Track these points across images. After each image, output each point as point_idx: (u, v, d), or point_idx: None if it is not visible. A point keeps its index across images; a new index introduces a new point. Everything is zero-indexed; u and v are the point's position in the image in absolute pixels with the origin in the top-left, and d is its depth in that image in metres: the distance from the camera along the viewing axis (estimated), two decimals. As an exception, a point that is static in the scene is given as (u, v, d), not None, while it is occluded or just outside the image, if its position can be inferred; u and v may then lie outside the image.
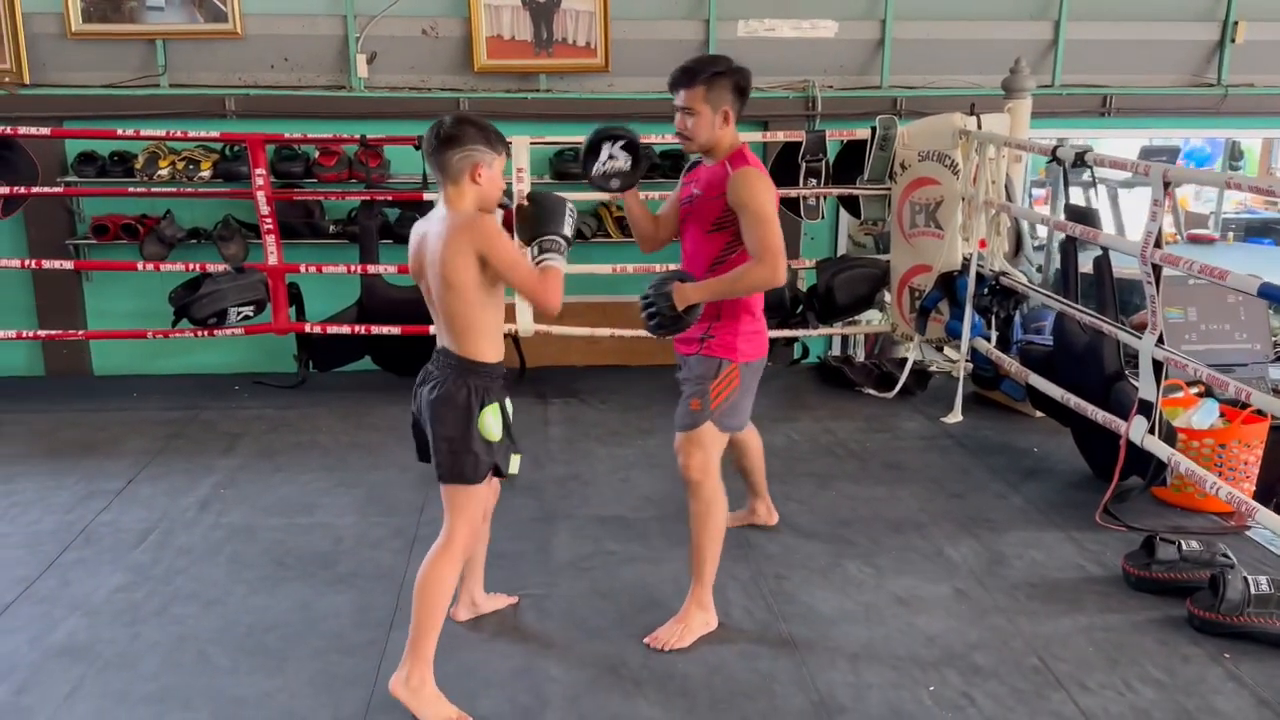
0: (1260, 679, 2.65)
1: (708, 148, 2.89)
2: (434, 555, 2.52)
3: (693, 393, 2.92)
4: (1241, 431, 3.61)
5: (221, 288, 4.74)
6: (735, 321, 2.90)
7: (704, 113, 2.82)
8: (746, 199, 2.78)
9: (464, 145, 2.40)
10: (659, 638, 2.84)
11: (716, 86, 2.82)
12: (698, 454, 2.89)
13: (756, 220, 2.77)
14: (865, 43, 5.74)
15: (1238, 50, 5.90)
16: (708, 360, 2.91)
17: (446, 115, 2.52)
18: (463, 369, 2.47)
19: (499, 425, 2.49)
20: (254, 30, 5.38)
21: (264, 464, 4.16)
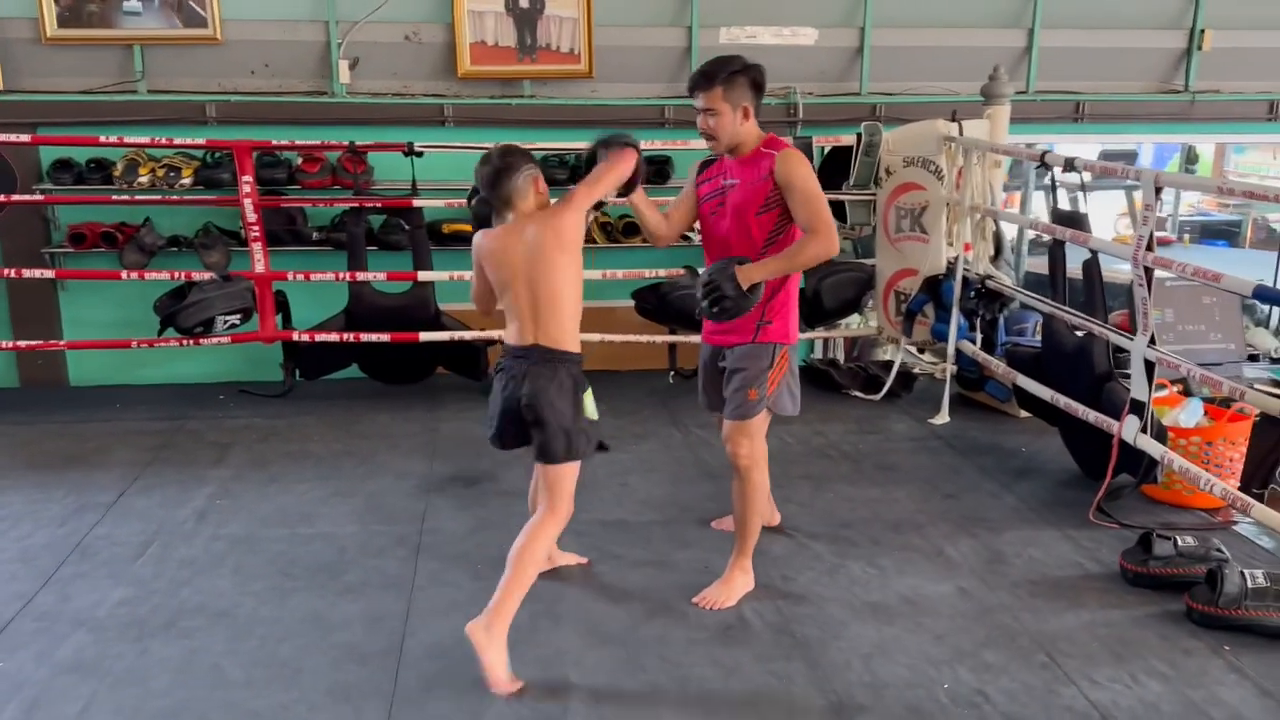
0: (1261, 670, 2.73)
1: (732, 145, 3.02)
2: (537, 524, 2.79)
3: (749, 383, 3.05)
4: (1227, 429, 3.71)
5: (209, 296, 4.69)
6: (785, 307, 3.09)
7: (725, 112, 2.95)
8: (794, 178, 2.93)
9: (520, 169, 2.74)
10: (707, 598, 3.07)
11: (734, 85, 2.95)
12: (746, 443, 3.08)
13: (806, 197, 2.93)
14: (845, 50, 5.81)
15: (1205, 58, 6.06)
16: (763, 347, 3.07)
17: (489, 152, 2.80)
18: (559, 359, 2.74)
19: (594, 406, 2.82)
20: (234, 36, 5.32)
21: (257, 474, 4.12)
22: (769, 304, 3.05)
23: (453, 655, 2.79)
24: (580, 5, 5.46)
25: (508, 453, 4.28)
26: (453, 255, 5.38)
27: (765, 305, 3.04)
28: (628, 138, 3.02)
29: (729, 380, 3.11)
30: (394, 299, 5.06)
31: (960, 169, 4.70)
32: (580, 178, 2.96)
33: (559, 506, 2.81)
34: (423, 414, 4.87)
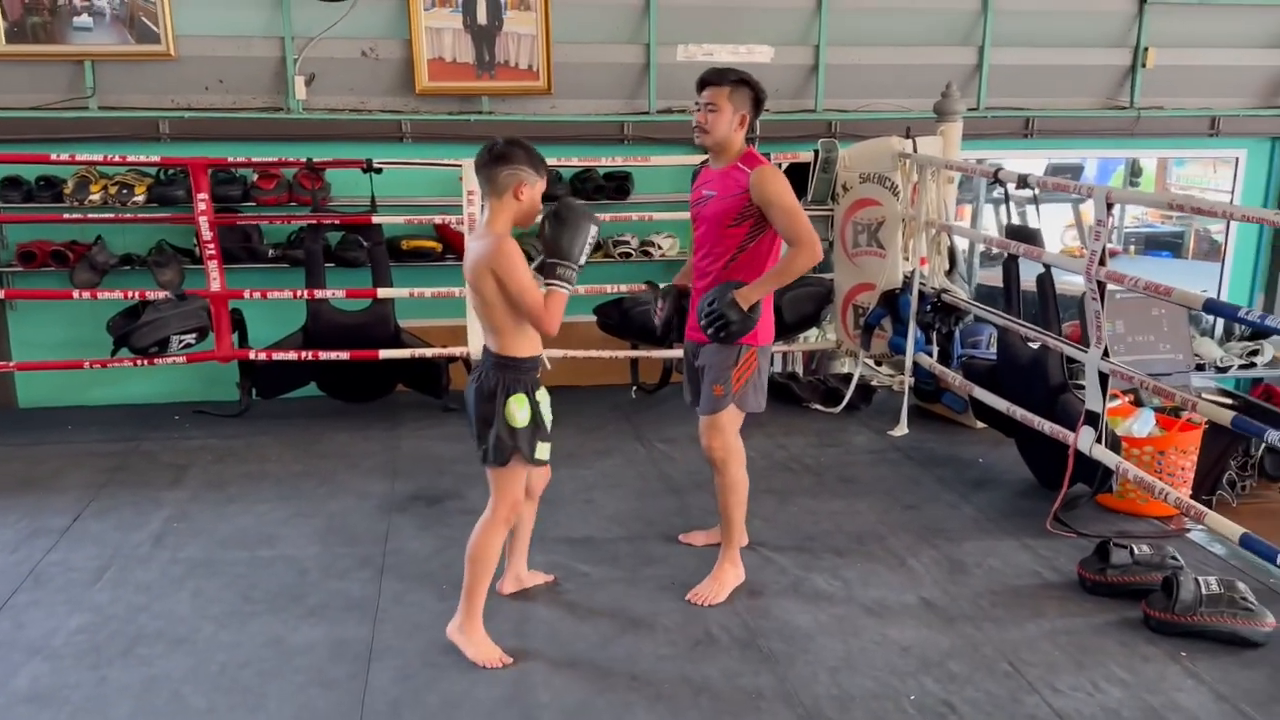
0: (1216, 675, 2.80)
1: (720, 145, 3.14)
2: (481, 526, 2.86)
3: (715, 379, 3.18)
4: (1178, 439, 3.80)
5: (163, 315, 4.61)
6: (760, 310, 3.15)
7: (725, 110, 3.09)
8: (771, 195, 3.06)
9: (512, 164, 2.69)
10: (699, 594, 3.19)
11: (741, 91, 3.11)
12: (718, 437, 3.21)
13: (785, 213, 3.06)
14: (800, 67, 5.89)
15: (1148, 75, 6.22)
16: (729, 347, 3.15)
17: (499, 136, 2.77)
18: (497, 364, 2.77)
19: (525, 414, 2.75)
20: (187, 51, 5.26)
21: (215, 495, 4.06)
22: None
23: (420, 678, 2.77)
24: (539, 22, 5.47)
25: (471, 471, 4.32)
26: (413, 272, 5.37)
27: None
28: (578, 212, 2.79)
29: (701, 377, 3.26)
30: (353, 316, 5.01)
31: (915, 185, 4.78)
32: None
33: (496, 507, 2.85)
34: (383, 432, 4.83)
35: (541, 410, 2.81)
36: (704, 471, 4.24)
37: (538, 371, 2.83)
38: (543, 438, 2.81)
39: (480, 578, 2.84)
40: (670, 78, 5.72)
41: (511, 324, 2.74)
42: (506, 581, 3.22)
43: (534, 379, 2.81)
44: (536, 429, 2.79)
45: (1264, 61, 6.44)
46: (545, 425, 2.82)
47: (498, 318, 2.73)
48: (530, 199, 2.73)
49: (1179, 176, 10.81)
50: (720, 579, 3.23)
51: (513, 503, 2.86)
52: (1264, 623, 2.93)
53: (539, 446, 2.80)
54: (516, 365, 2.77)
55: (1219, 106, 6.41)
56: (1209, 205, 3.04)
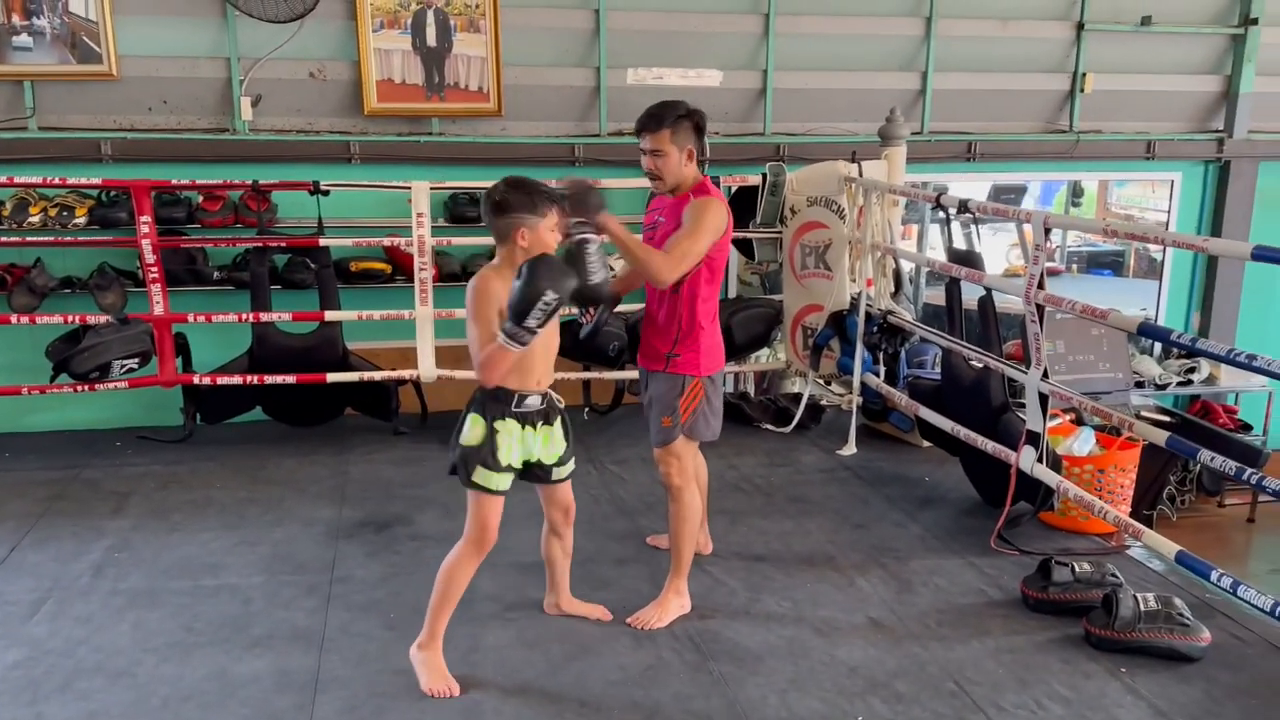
0: (1155, 690, 2.86)
1: (675, 185, 3.15)
2: (455, 549, 2.88)
3: (662, 411, 3.22)
4: (1118, 457, 3.89)
5: (105, 340, 4.53)
6: (695, 339, 3.19)
7: (671, 153, 3.09)
8: (694, 216, 3.06)
9: (510, 213, 2.73)
10: (640, 619, 3.19)
11: (681, 128, 3.09)
12: (674, 463, 3.23)
13: (689, 232, 3.05)
14: (748, 91, 5.96)
15: (1087, 99, 6.39)
16: (673, 378, 3.20)
17: (500, 181, 2.78)
18: (484, 393, 2.82)
19: (476, 434, 2.78)
20: (130, 72, 5.20)
21: (158, 524, 3.99)
22: (677, 340, 3.18)
23: (367, 709, 2.74)
24: (488, 44, 5.49)
25: (422, 495, 4.29)
26: (361, 294, 5.33)
27: (675, 340, 3.18)
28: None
29: (649, 408, 3.30)
30: (300, 339, 4.96)
31: (861, 208, 4.85)
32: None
33: (468, 534, 2.86)
34: (331, 457, 4.78)
35: (499, 439, 2.78)
36: (656, 493, 4.26)
37: (514, 404, 2.80)
38: (487, 464, 2.78)
39: (444, 602, 2.85)
40: (621, 100, 5.76)
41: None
42: (548, 605, 3.28)
43: (504, 410, 2.79)
44: (479, 451, 2.77)
45: (1197, 87, 6.64)
46: (497, 455, 2.78)
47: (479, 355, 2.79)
48: (533, 240, 2.74)
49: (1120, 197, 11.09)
50: (664, 605, 3.23)
51: (482, 528, 2.83)
52: (1200, 638, 3.00)
53: (477, 470, 2.77)
54: (488, 394, 2.80)
55: (1155, 130, 6.60)
56: (1141, 231, 3.13)
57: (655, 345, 3.25)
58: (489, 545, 2.87)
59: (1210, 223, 6.88)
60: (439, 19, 5.43)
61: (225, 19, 5.22)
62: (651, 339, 3.27)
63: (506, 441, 2.80)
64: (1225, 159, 6.72)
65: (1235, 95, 6.60)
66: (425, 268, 4.77)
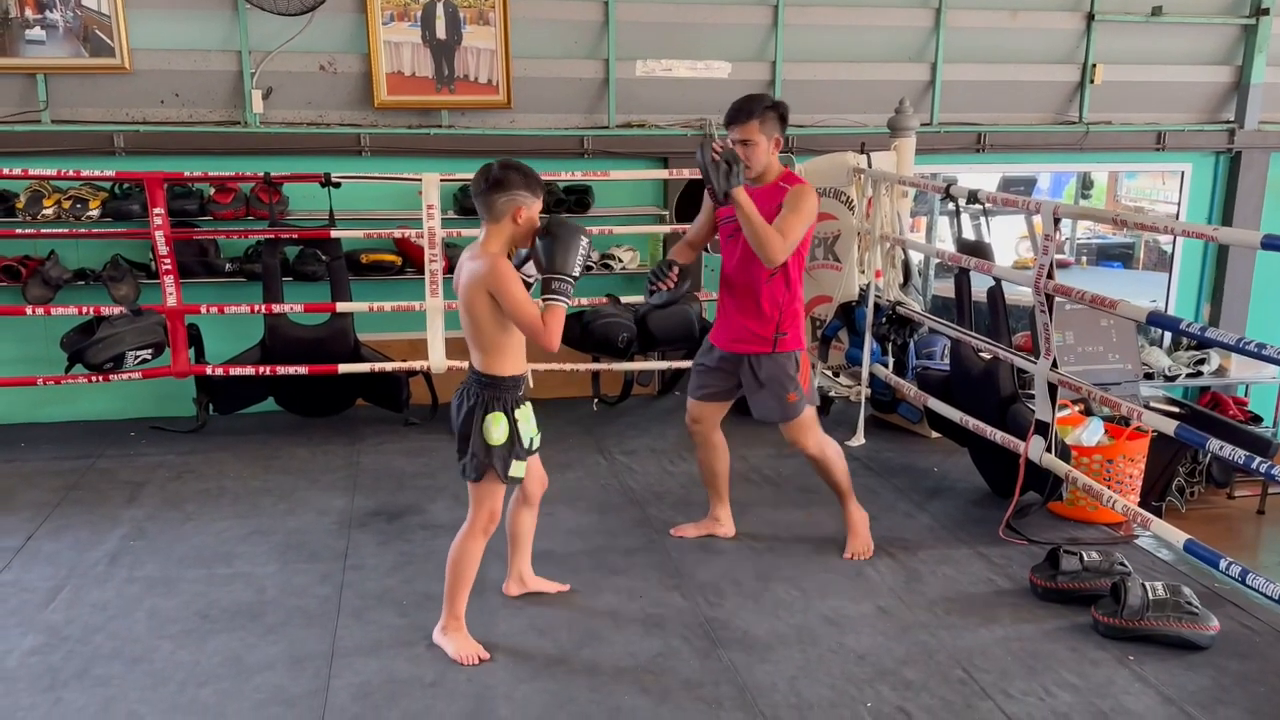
0: (1163, 678, 2.87)
1: (760, 173, 3.34)
2: (460, 535, 2.97)
3: (785, 388, 3.42)
4: (1126, 447, 3.89)
5: (118, 331, 4.56)
6: (796, 318, 3.43)
7: (760, 143, 3.28)
8: (795, 203, 3.27)
9: (509, 190, 2.75)
10: (853, 551, 3.61)
11: (768, 119, 3.28)
12: (810, 435, 3.51)
13: (795, 217, 3.26)
14: (757, 83, 5.96)
15: (1096, 91, 6.38)
16: (787, 355, 3.42)
17: (495, 161, 2.81)
18: (480, 382, 2.84)
19: (501, 432, 2.81)
20: (143, 65, 5.23)
21: (172, 513, 4.02)
22: (783, 318, 3.40)
23: (380, 694, 2.77)
24: (498, 37, 5.50)
25: (433, 485, 4.32)
26: (372, 286, 5.36)
27: (780, 319, 3.39)
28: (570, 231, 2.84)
29: (760, 390, 3.44)
30: (311, 331, 4.99)
31: (870, 199, 4.86)
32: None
33: (474, 519, 2.94)
34: (343, 447, 4.81)
35: (520, 428, 2.86)
36: (665, 483, 4.30)
37: (520, 390, 2.88)
38: (518, 455, 2.87)
39: (459, 583, 2.96)
40: (629, 93, 5.77)
41: (498, 343, 2.80)
42: (510, 584, 3.32)
43: (515, 397, 2.86)
44: (512, 447, 2.85)
45: (1208, 78, 6.63)
46: (522, 443, 2.87)
47: (485, 338, 2.80)
48: (528, 219, 2.78)
49: (1129, 189, 11.08)
50: (856, 530, 3.64)
51: (489, 514, 2.93)
52: (1208, 626, 3.01)
53: (513, 465, 2.86)
54: (498, 383, 2.83)
55: (1165, 121, 6.59)
56: (1151, 221, 3.13)
57: (754, 329, 3.41)
58: (495, 526, 2.98)
59: (1221, 214, 6.87)
60: (449, 12, 5.44)
61: (236, 12, 5.25)
62: (747, 323, 3.42)
63: (524, 426, 2.90)
64: (1236, 150, 6.70)
65: (1246, 86, 6.59)
66: (436, 259, 4.79)
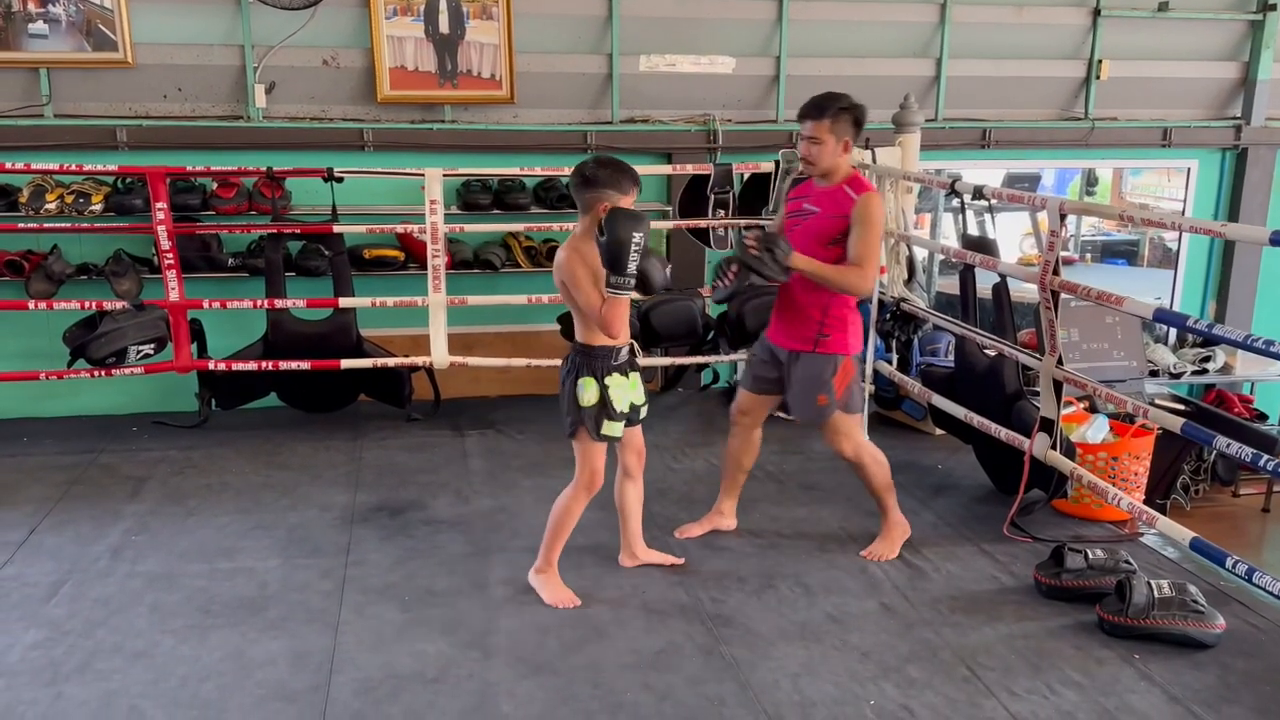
0: (1169, 677, 2.86)
1: (826, 172, 3.36)
2: (565, 491, 3.25)
3: (818, 390, 3.39)
4: (1132, 444, 3.88)
5: (121, 326, 4.56)
6: (844, 320, 3.40)
7: (828, 142, 3.27)
8: (867, 216, 3.27)
9: (596, 186, 2.99)
10: (874, 552, 3.56)
11: (840, 120, 3.26)
12: (844, 441, 3.50)
13: (867, 235, 3.27)
14: (761, 78, 5.94)
15: (1102, 86, 6.35)
16: (825, 358, 3.39)
17: (591, 157, 3.09)
18: (577, 351, 3.16)
19: (591, 395, 3.09)
20: (145, 59, 5.22)
21: (175, 508, 4.02)
22: (825, 319, 3.38)
23: (382, 690, 2.77)
24: (501, 32, 5.48)
25: (435, 481, 4.31)
26: (375, 281, 5.35)
27: (823, 320, 3.37)
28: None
29: (795, 388, 3.45)
30: (314, 326, 4.98)
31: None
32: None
33: (577, 476, 3.21)
34: (345, 443, 4.80)
35: (611, 393, 3.09)
36: (667, 479, 4.29)
37: (614, 358, 3.11)
38: (610, 416, 3.10)
39: (557, 534, 3.24)
40: (633, 88, 5.75)
41: (590, 317, 3.05)
42: (624, 556, 3.50)
43: (607, 365, 3.11)
44: (602, 409, 3.10)
45: (1214, 74, 6.59)
46: (614, 406, 3.10)
47: (578, 313, 3.10)
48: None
49: (1134, 185, 11.06)
50: (891, 538, 3.60)
51: (590, 473, 3.19)
52: (1214, 625, 3.00)
53: (605, 424, 3.11)
54: (590, 352, 3.11)
55: (1171, 118, 6.55)
56: (1157, 217, 3.12)
57: (798, 325, 3.41)
58: (598, 486, 3.24)
59: (1227, 210, 6.84)
60: (451, 6, 5.42)
61: (239, 6, 5.24)
62: (794, 318, 3.43)
63: (617, 392, 3.11)
64: (1243, 146, 6.67)
65: (1253, 82, 6.55)
66: (438, 255, 4.78)
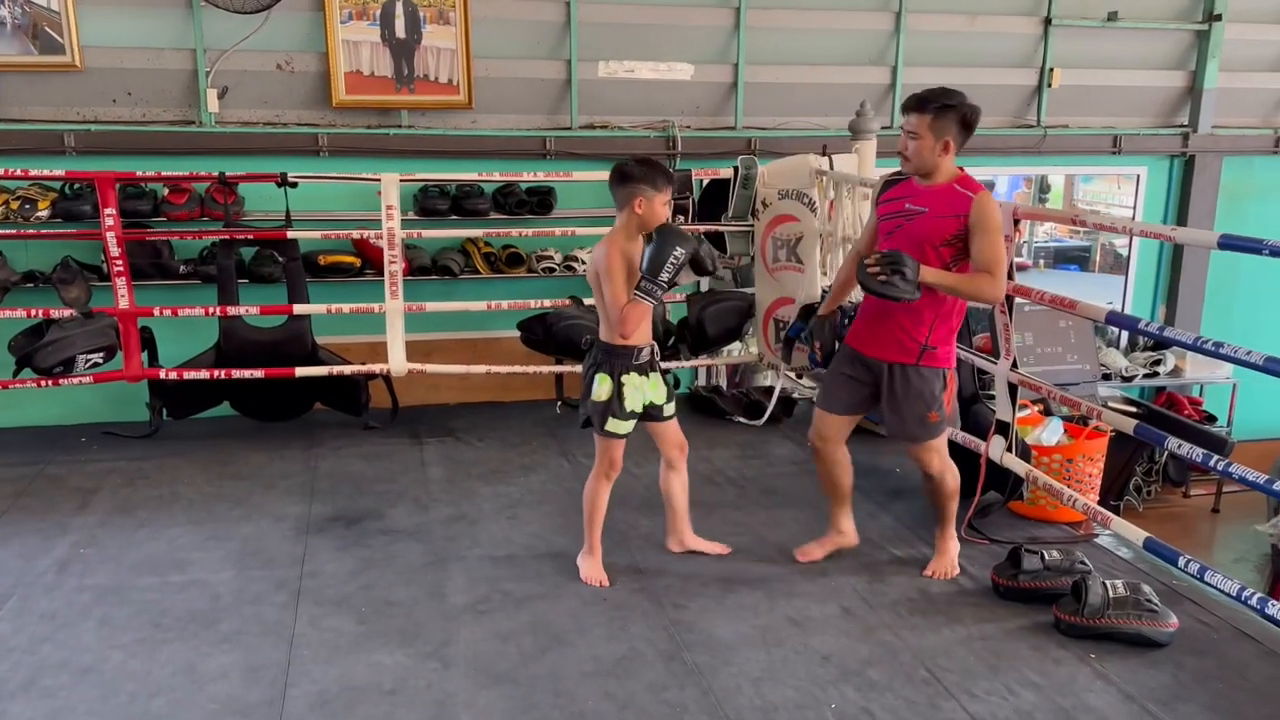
0: (1124, 675, 2.89)
1: (922, 171, 3.17)
2: (590, 479, 3.41)
3: (928, 407, 3.23)
4: (1086, 446, 3.93)
5: (69, 334, 4.45)
6: (952, 331, 3.24)
7: (926, 138, 3.07)
8: (988, 220, 3.06)
9: (631, 182, 3.15)
10: (935, 571, 3.44)
11: (944, 117, 3.06)
12: (937, 459, 3.36)
13: (995, 238, 3.07)
14: (720, 85, 5.97)
15: (1054, 94, 6.45)
16: (934, 372, 3.23)
17: (631, 156, 3.25)
18: (599, 348, 3.30)
19: (604, 390, 3.24)
20: (94, 63, 5.12)
21: (125, 520, 3.93)
22: (934, 332, 3.19)
23: (338, 703, 2.72)
24: (459, 37, 5.45)
25: (392, 490, 4.26)
26: (330, 288, 5.29)
27: (931, 332, 3.18)
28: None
29: (900, 404, 3.25)
30: (268, 334, 4.91)
31: (832, 202, 4.87)
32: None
33: (597, 465, 3.37)
34: (300, 452, 4.73)
35: (625, 391, 3.23)
36: (630, 485, 4.26)
37: (634, 358, 3.25)
38: (615, 413, 3.23)
39: (592, 518, 3.41)
40: (592, 94, 5.75)
41: (615, 316, 3.17)
42: (670, 542, 3.62)
43: (626, 364, 3.24)
44: (609, 405, 3.23)
45: (1162, 82, 6.73)
46: (624, 405, 3.23)
47: (603, 310, 3.23)
48: (648, 210, 3.15)
49: (1085, 193, 11.24)
50: (949, 556, 3.49)
51: (609, 462, 3.33)
52: (1167, 624, 3.04)
53: (610, 421, 3.24)
54: (610, 350, 3.25)
55: (1121, 125, 6.68)
56: (1110, 221, 3.17)
57: (900, 335, 3.20)
58: (616, 473, 3.38)
59: (1175, 216, 6.98)
60: (408, 11, 5.39)
61: (190, 9, 5.16)
62: (894, 328, 3.21)
63: (631, 391, 3.24)
64: (1190, 153, 6.81)
65: (1200, 91, 6.70)
66: (395, 261, 4.73)
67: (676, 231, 3.11)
